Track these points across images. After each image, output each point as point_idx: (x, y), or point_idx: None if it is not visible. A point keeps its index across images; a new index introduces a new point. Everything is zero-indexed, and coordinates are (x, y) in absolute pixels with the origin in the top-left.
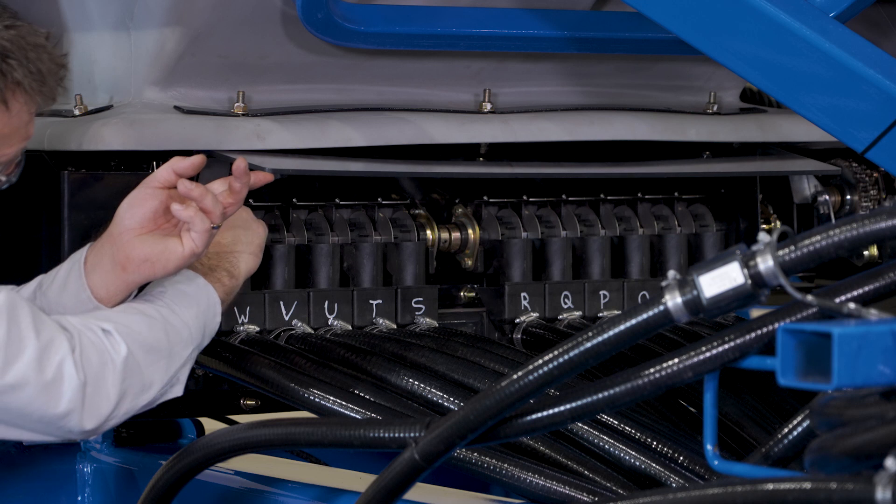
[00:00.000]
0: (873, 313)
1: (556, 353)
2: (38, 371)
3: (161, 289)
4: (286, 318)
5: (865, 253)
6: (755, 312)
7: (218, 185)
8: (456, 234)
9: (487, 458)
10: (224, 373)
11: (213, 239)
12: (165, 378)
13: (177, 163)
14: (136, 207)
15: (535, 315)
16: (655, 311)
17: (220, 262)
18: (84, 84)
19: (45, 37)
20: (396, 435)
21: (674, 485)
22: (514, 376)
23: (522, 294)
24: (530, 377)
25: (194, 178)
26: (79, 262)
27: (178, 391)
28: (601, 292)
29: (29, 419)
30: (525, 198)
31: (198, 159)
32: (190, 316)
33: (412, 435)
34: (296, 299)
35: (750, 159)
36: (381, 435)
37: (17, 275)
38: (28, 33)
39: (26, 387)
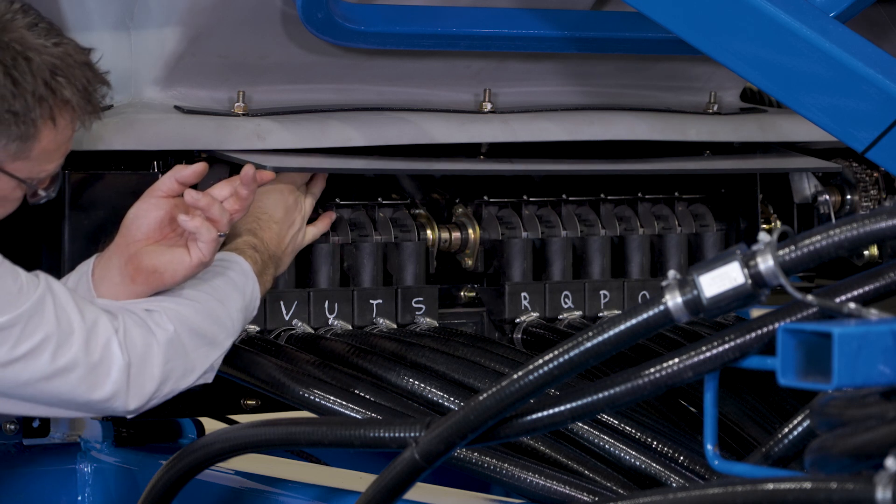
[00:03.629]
0: (873, 313)
1: (556, 352)
2: (86, 354)
3: (212, 275)
4: (286, 318)
5: (865, 253)
6: (755, 312)
7: (221, 190)
8: (456, 234)
9: (487, 458)
10: (224, 373)
11: (219, 247)
12: (206, 365)
13: (179, 171)
14: (141, 218)
15: (535, 315)
16: (656, 310)
17: (272, 264)
18: None
19: (89, 53)
20: (396, 435)
21: (674, 485)
22: (515, 376)
23: (523, 294)
24: (530, 377)
25: (196, 184)
26: (86, 273)
27: (210, 377)
28: (601, 292)
29: (75, 402)
30: (525, 197)
31: (200, 167)
32: (235, 308)
33: (412, 435)
34: (296, 299)
35: (751, 156)
36: (382, 435)
37: None
38: (74, 51)
39: (76, 369)
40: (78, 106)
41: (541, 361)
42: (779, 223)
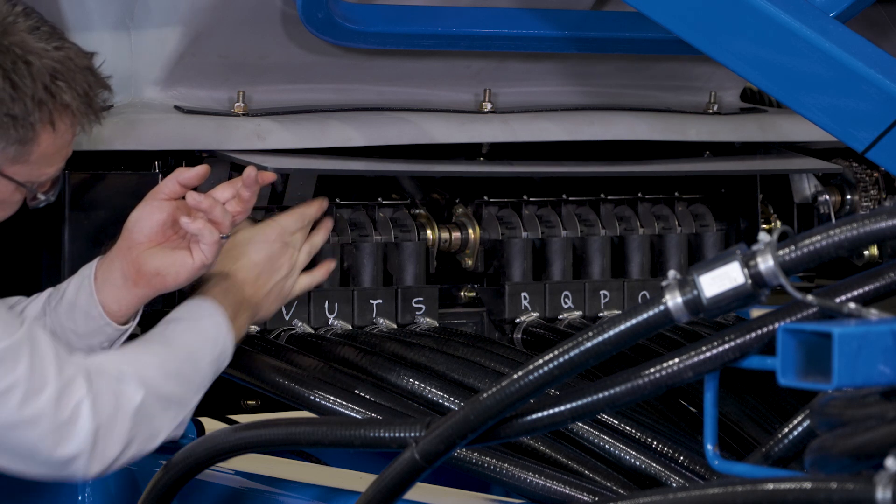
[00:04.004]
0: (873, 313)
1: (556, 352)
2: (56, 409)
3: (184, 328)
4: (286, 318)
5: (865, 253)
6: (755, 312)
7: (224, 191)
8: (456, 234)
9: (487, 458)
10: (224, 372)
11: (222, 249)
12: (174, 425)
13: (181, 174)
14: (143, 221)
15: (535, 315)
16: (656, 310)
17: (248, 308)
18: None
19: (91, 58)
20: (397, 435)
21: (674, 485)
22: (515, 376)
23: (523, 294)
24: (530, 377)
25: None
26: (88, 277)
27: (179, 433)
28: (601, 292)
29: (37, 457)
30: (525, 198)
31: (202, 170)
32: (206, 362)
33: (412, 435)
34: (296, 299)
35: (751, 158)
36: (382, 435)
37: (17, 275)
38: (76, 55)
39: (41, 423)
40: (78, 110)
41: (541, 361)
42: (779, 223)
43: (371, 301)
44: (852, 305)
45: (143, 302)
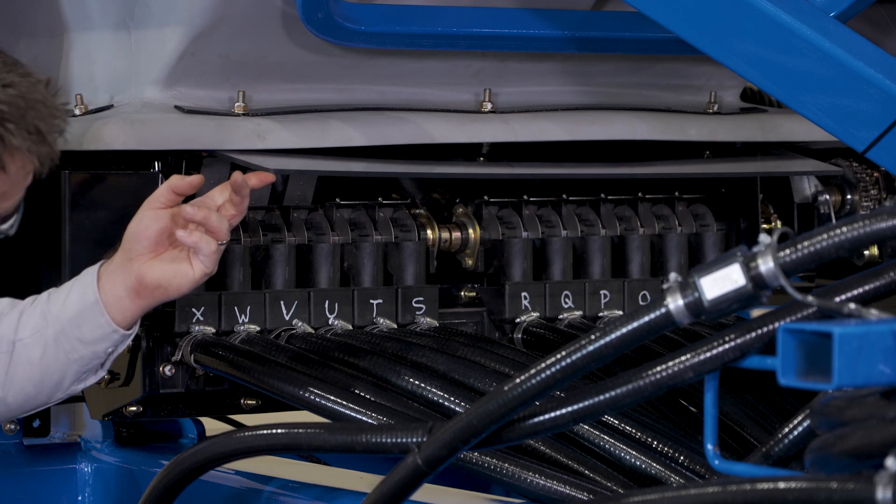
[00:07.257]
0: (873, 313)
1: (558, 357)
2: None
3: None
4: (286, 318)
5: (866, 253)
6: (755, 312)
7: (219, 195)
8: (456, 234)
9: (487, 458)
10: (224, 372)
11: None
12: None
13: (175, 182)
14: (141, 232)
15: (535, 315)
16: (657, 313)
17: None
18: (84, 83)
19: (46, 84)
20: (399, 440)
21: (674, 484)
22: (517, 380)
23: (523, 294)
24: (532, 381)
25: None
26: (91, 285)
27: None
28: (602, 292)
29: None
30: (525, 197)
31: (196, 179)
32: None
33: (415, 440)
34: (296, 299)
35: (750, 159)
36: (384, 440)
37: (16, 276)
38: (27, 90)
39: None
40: (29, 150)
41: (543, 366)
42: (779, 223)
43: (371, 301)
44: (852, 305)
45: (147, 311)
